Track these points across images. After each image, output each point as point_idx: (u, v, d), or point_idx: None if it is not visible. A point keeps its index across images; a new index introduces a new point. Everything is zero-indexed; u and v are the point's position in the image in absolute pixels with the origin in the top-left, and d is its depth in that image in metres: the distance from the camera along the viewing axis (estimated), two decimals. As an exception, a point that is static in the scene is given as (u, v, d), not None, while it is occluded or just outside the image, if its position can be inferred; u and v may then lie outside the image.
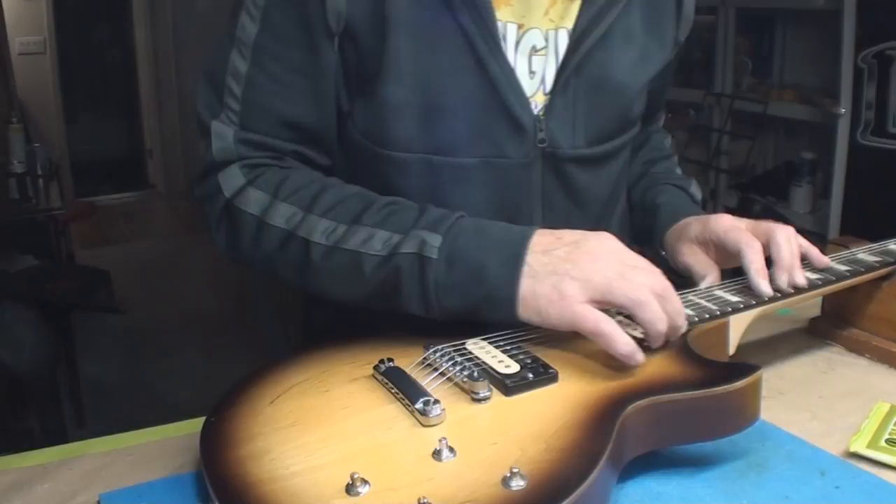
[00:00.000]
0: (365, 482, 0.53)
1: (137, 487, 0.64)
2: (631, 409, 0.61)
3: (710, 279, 0.83)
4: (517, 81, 0.81)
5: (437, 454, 0.56)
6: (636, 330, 0.68)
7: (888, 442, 0.68)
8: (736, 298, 0.76)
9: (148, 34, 5.13)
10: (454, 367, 0.66)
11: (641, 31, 0.87)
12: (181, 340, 3.07)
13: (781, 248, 0.79)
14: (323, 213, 0.76)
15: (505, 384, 0.64)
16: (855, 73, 2.27)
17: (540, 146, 0.83)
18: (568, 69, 0.83)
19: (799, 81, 2.73)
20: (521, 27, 0.82)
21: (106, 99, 5.46)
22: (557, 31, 0.83)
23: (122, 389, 2.67)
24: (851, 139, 2.32)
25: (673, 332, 0.69)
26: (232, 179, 0.80)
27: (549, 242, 0.70)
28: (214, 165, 0.81)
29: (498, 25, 0.80)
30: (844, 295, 0.87)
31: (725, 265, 0.85)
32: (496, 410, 0.62)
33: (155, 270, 3.79)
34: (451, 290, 0.71)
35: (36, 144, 3.09)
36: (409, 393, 0.62)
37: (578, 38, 0.82)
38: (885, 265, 0.86)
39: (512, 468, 0.53)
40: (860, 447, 0.68)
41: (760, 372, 0.65)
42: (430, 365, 0.68)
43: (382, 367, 0.66)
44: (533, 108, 0.83)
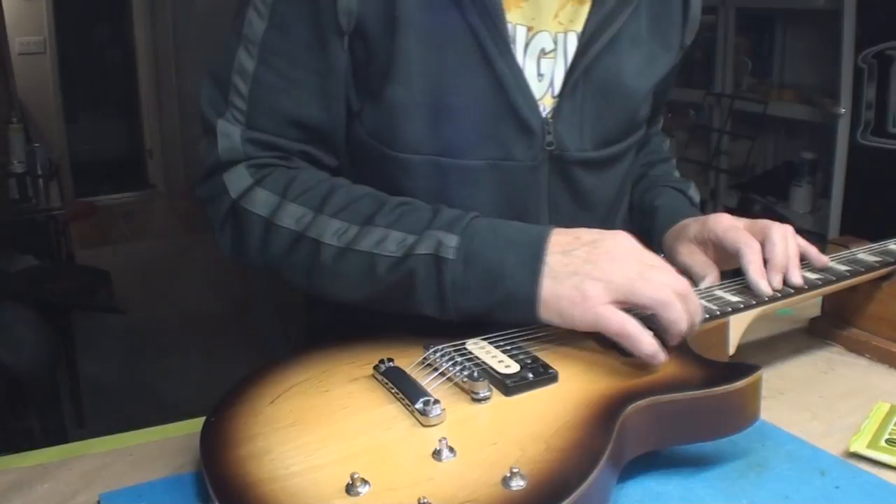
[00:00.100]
0: (365, 482, 0.53)
1: (137, 487, 0.64)
2: (631, 409, 0.61)
3: (709, 279, 0.83)
4: (526, 84, 0.81)
5: (437, 454, 0.56)
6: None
7: (888, 442, 0.68)
8: (736, 298, 0.76)
9: (148, 34, 5.12)
10: (454, 367, 0.66)
11: (648, 34, 0.87)
12: (181, 340, 3.07)
13: (776, 246, 0.79)
14: (334, 213, 0.75)
15: (505, 384, 0.64)
16: (855, 73, 2.27)
17: (548, 149, 0.83)
18: (576, 72, 0.82)
19: (799, 81, 2.73)
20: (530, 30, 0.82)
21: (106, 99, 5.46)
22: (567, 34, 0.83)
23: (122, 389, 2.66)
24: (851, 139, 2.32)
25: (691, 331, 0.68)
26: (238, 180, 0.78)
27: (567, 242, 0.70)
28: (220, 165, 0.79)
29: (508, 27, 0.79)
30: (844, 295, 0.87)
31: (724, 266, 0.85)
32: (496, 410, 0.62)
33: (155, 270, 3.78)
34: (467, 291, 0.70)
35: (36, 144, 3.08)
36: (409, 393, 0.62)
37: (587, 41, 0.82)
38: (885, 265, 0.86)
39: (512, 468, 0.53)
40: (860, 447, 0.68)
41: (760, 372, 0.65)
42: (430, 365, 0.68)
43: (382, 367, 0.66)
44: (541, 110, 0.82)
